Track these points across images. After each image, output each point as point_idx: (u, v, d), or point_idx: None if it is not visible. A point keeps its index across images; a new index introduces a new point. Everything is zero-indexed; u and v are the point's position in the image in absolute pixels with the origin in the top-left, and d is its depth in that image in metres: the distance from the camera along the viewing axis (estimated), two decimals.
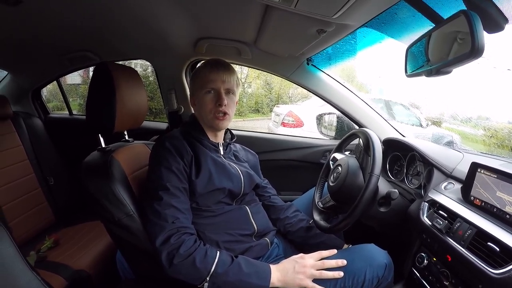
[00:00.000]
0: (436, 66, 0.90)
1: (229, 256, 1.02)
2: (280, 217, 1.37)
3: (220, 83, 1.18)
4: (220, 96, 1.18)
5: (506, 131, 2.17)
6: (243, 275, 0.97)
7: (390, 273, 1.06)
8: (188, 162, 1.13)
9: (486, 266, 0.79)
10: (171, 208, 1.03)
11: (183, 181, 1.10)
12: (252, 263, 1.03)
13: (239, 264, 1.00)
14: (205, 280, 0.95)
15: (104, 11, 1.29)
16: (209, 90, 1.19)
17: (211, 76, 1.18)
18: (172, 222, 1.00)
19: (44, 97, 2.56)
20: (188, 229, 1.03)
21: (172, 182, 1.06)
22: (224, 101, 1.17)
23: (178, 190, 1.07)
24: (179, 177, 1.08)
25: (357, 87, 2.29)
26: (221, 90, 1.18)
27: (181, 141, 1.16)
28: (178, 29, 1.50)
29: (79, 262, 1.52)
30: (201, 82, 1.20)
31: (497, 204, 0.88)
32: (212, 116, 1.19)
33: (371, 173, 1.05)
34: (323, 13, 1.01)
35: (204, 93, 1.19)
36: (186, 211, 1.07)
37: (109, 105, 1.17)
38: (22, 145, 1.94)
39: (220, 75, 1.18)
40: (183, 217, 1.04)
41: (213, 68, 1.19)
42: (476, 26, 0.71)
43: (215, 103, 1.18)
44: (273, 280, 1.00)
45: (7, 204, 1.71)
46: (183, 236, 1.00)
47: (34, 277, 0.80)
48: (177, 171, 1.08)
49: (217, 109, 1.18)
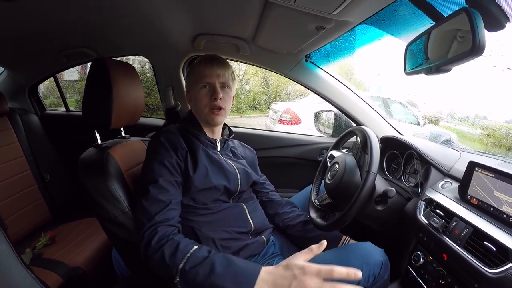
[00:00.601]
0: (436, 64, 0.89)
1: (207, 252, 0.90)
2: (278, 212, 1.37)
3: (215, 77, 1.18)
4: (215, 90, 1.18)
5: (503, 130, 2.17)
6: (216, 277, 0.83)
7: (386, 271, 1.07)
8: (182, 157, 1.12)
9: (482, 266, 0.79)
10: (156, 202, 1.00)
11: (175, 174, 1.08)
12: (236, 264, 0.87)
13: (213, 263, 0.86)
14: (175, 276, 0.87)
15: (102, 7, 1.28)
16: (204, 85, 1.19)
17: (206, 71, 1.18)
18: (153, 216, 0.97)
19: (40, 93, 2.54)
20: (168, 221, 0.98)
21: (163, 176, 1.05)
22: (219, 95, 1.17)
23: (168, 183, 1.05)
24: (171, 171, 1.07)
25: (355, 84, 2.29)
26: (216, 84, 1.18)
27: (176, 136, 1.15)
28: (176, 25, 1.50)
29: (75, 259, 1.51)
30: (196, 78, 1.20)
31: (494, 204, 0.88)
32: (208, 111, 1.19)
33: (368, 171, 1.04)
34: (323, 10, 1.01)
35: (199, 88, 1.19)
36: (173, 204, 1.03)
37: (105, 101, 1.16)
38: (19, 142, 1.92)
39: (215, 69, 1.18)
40: (167, 211, 1.00)
41: (207, 63, 1.19)
42: (477, 24, 0.70)
43: (210, 97, 1.18)
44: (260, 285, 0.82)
45: (3, 201, 1.70)
46: (158, 227, 0.95)
47: (28, 275, 0.79)
48: (169, 165, 1.07)
49: (212, 103, 1.18)
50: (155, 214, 0.98)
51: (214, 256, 0.88)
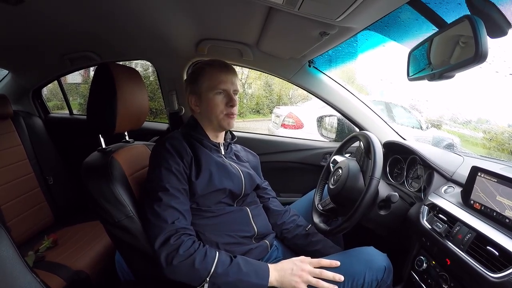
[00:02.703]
0: (439, 70, 0.90)
1: (228, 256, 1.02)
2: (277, 222, 1.37)
3: (230, 84, 1.21)
4: (231, 97, 1.21)
5: (506, 134, 2.17)
6: (243, 275, 0.98)
7: (389, 276, 1.06)
8: (188, 163, 1.13)
9: (485, 270, 0.79)
10: (170, 209, 1.03)
11: (182, 182, 1.10)
12: (251, 262, 1.03)
13: (238, 264, 1.00)
14: (205, 280, 0.95)
15: (106, 12, 1.29)
16: (220, 91, 1.20)
17: (221, 77, 1.20)
18: (171, 223, 1.01)
19: (44, 96, 2.55)
20: (187, 230, 1.04)
21: (171, 183, 1.06)
22: (236, 102, 1.22)
23: (177, 191, 1.07)
24: (179, 178, 1.09)
25: (358, 89, 2.29)
26: (231, 92, 1.21)
27: (181, 142, 1.16)
28: (181, 30, 1.50)
29: (78, 262, 1.51)
30: (210, 83, 1.20)
31: (496, 208, 0.89)
32: (224, 116, 1.21)
33: (371, 176, 1.05)
34: (327, 16, 1.01)
35: (215, 94, 1.20)
36: (185, 212, 1.07)
37: (110, 106, 1.17)
38: (22, 145, 1.93)
39: (229, 77, 1.21)
40: (182, 218, 1.04)
41: (222, 69, 1.21)
42: (480, 31, 0.71)
43: (226, 104, 1.20)
44: (271, 279, 1.00)
45: (6, 203, 1.70)
46: (182, 236, 1.00)
47: (33, 278, 0.79)
48: (177, 172, 1.09)
49: (229, 110, 1.20)
50: (171, 221, 1.01)
51: (236, 259, 1.02)
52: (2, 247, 0.76)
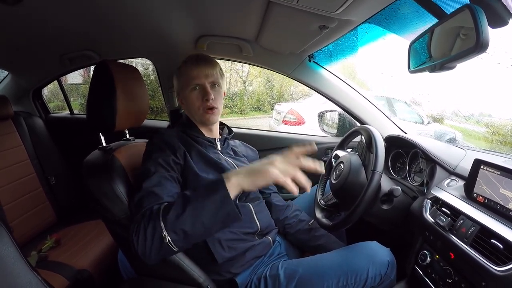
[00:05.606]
0: (440, 61, 0.89)
1: None
2: (279, 217, 1.36)
3: (204, 77, 1.19)
4: (206, 91, 1.18)
5: (508, 127, 2.15)
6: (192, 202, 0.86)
7: (392, 270, 1.06)
8: (181, 156, 1.11)
9: (490, 264, 0.79)
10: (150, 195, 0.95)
11: (170, 171, 1.05)
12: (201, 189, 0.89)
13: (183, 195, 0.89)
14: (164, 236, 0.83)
15: (105, 10, 1.28)
16: (194, 87, 1.19)
17: (193, 72, 1.19)
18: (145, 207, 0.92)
19: (45, 97, 2.56)
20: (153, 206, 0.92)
21: (158, 172, 1.02)
22: (211, 95, 1.18)
23: (163, 178, 1.01)
24: (166, 168, 1.05)
25: (359, 84, 2.28)
26: (206, 85, 1.19)
27: (171, 137, 1.14)
28: (180, 27, 1.50)
29: (81, 261, 1.52)
30: (185, 80, 1.21)
31: (500, 201, 0.88)
32: (202, 112, 1.20)
33: (373, 171, 1.04)
34: (326, 9, 1.01)
35: (190, 91, 1.20)
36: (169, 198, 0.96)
37: (109, 104, 1.16)
38: (23, 145, 1.94)
39: (202, 69, 1.19)
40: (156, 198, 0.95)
41: (194, 64, 1.20)
42: (480, 20, 0.70)
43: (202, 98, 1.19)
44: (232, 182, 0.85)
45: (9, 204, 1.71)
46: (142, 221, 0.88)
47: (35, 278, 0.79)
48: (164, 162, 1.05)
49: (204, 104, 1.19)
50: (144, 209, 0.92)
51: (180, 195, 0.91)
52: (3, 246, 0.76)
